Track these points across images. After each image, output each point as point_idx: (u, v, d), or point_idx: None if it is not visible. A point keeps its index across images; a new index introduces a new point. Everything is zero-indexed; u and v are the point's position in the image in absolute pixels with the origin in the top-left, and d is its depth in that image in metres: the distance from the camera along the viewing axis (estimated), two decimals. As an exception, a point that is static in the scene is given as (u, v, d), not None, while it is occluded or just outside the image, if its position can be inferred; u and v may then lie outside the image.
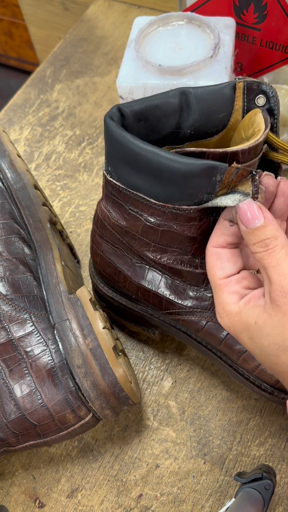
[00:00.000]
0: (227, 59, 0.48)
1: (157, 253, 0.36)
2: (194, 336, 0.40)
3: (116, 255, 0.39)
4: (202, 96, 0.34)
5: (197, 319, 0.38)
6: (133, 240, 0.37)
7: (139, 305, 0.41)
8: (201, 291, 0.37)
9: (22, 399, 0.35)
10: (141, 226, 0.35)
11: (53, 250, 0.41)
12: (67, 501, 0.40)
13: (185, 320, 0.38)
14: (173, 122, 0.35)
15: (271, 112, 0.34)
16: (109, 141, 0.33)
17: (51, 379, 0.35)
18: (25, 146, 0.63)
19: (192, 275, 0.36)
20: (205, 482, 0.40)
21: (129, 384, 0.36)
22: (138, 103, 0.34)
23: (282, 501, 0.39)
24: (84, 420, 0.36)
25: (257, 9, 0.53)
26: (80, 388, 0.35)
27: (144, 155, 0.31)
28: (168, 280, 0.37)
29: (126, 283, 0.39)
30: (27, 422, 0.35)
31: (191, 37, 0.50)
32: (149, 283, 0.38)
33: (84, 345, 0.35)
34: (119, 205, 0.35)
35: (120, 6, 0.79)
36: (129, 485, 0.41)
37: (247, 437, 0.42)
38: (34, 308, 0.38)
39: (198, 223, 0.33)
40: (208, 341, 0.39)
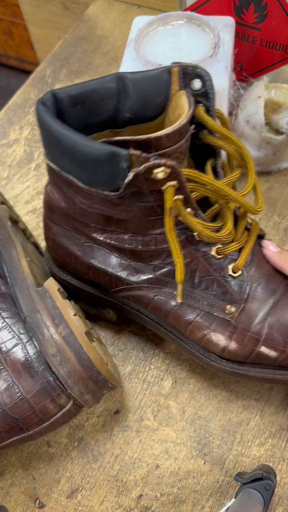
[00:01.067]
0: (227, 58, 0.48)
1: (98, 233, 0.37)
2: (146, 314, 0.41)
3: (66, 236, 0.40)
4: (139, 81, 0.35)
5: (145, 293, 0.39)
6: (75, 222, 0.38)
7: (92, 287, 0.42)
8: (146, 267, 0.38)
9: (0, 394, 0.35)
10: (77, 208, 0.36)
11: (16, 246, 0.41)
12: (67, 501, 0.40)
13: (135, 296, 0.39)
14: (111, 106, 0.35)
15: (207, 96, 0.35)
16: (39, 125, 0.34)
17: (27, 371, 0.35)
18: (25, 146, 0.63)
19: (135, 252, 0.37)
20: (205, 482, 0.40)
21: (106, 366, 0.36)
22: (74, 88, 0.34)
23: (282, 501, 0.39)
24: (65, 408, 0.36)
25: (257, 9, 0.53)
26: (57, 376, 0.35)
27: (62, 139, 0.32)
28: (115, 258, 0.38)
29: (78, 264, 0.40)
30: (8, 417, 0.35)
31: (191, 36, 0.50)
32: (98, 262, 0.39)
33: (56, 334, 0.35)
34: (59, 188, 0.36)
35: (120, 5, 0.79)
36: (129, 485, 0.41)
37: (247, 437, 0.42)
38: (2, 304, 0.38)
39: (126, 208, 0.34)
40: (157, 316, 0.40)
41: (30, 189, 0.59)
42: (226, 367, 0.39)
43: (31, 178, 0.60)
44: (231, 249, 0.37)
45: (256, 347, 0.37)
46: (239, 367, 0.38)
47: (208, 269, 0.37)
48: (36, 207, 0.58)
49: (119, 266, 0.39)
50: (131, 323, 0.48)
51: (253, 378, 0.38)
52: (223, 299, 0.38)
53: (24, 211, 0.58)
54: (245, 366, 0.38)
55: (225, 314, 0.37)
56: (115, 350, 0.47)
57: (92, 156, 0.31)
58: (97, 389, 0.37)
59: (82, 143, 0.31)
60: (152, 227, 0.36)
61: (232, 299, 0.37)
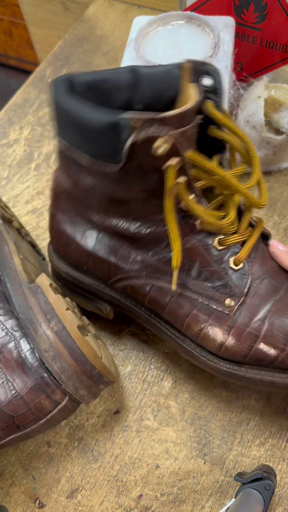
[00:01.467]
0: (227, 58, 0.48)
1: (100, 216, 0.37)
2: (143, 309, 0.40)
3: (70, 223, 0.40)
4: (152, 75, 0.36)
5: (143, 283, 0.38)
6: (79, 204, 0.38)
7: (91, 279, 0.42)
8: (146, 254, 0.38)
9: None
10: (82, 189, 0.36)
11: (8, 244, 0.41)
12: (67, 501, 0.40)
13: (133, 287, 0.39)
14: (124, 96, 0.36)
15: (216, 92, 0.36)
16: (51, 101, 0.35)
17: (21, 368, 0.35)
18: (25, 146, 0.63)
19: (136, 238, 0.37)
20: (205, 482, 0.40)
21: (99, 360, 0.36)
22: (89, 75, 0.35)
23: (282, 501, 0.39)
24: (61, 404, 0.36)
25: (257, 9, 0.53)
26: (51, 372, 0.35)
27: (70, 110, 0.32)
28: (116, 245, 0.38)
29: (78, 252, 0.40)
30: (3, 415, 0.35)
31: (191, 36, 0.50)
32: (98, 249, 0.39)
33: (48, 329, 0.35)
34: (66, 168, 0.37)
35: (120, 5, 0.79)
36: (129, 485, 0.41)
37: (247, 437, 0.42)
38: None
39: (128, 187, 0.34)
40: (154, 310, 0.39)
41: (30, 189, 0.59)
42: (223, 367, 0.38)
43: (31, 178, 0.60)
44: (234, 240, 0.37)
45: (255, 343, 0.36)
46: (236, 367, 0.38)
47: (208, 260, 0.37)
48: (36, 207, 0.58)
49: (119, 254, 0.39)
50: (131, 323, 0.48)
51: (250, 380, 0.37)
52: (222, 292, 0.37)
53: (24, 211, 0.58)
54: (243, 367, 0.37)
55: (224, 308, 0.37)
56: (115, 350, 0.47)
57: (96, 126, 0.31)
58: (92, 384, 0.37)
59: (87, 113, 0.32)
60: (153, 213, 0.36)
61: (232, 293, 0.37)
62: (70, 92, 0.34)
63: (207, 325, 0.37)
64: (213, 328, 0.37)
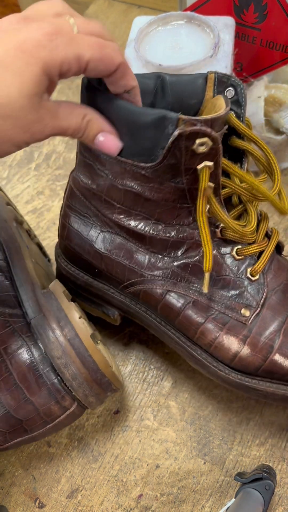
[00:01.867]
0: (227, 58, 0.48)
1: (121, 215, 0.37)
2: (154, 316, 0.40)
3: (84, 225, 0.40)
4: (176, 82, 0.36)
5: (158, 288, 0.38)
6: (99, 203, 0.38)
7: (100, 283, 0.41)
8: (163, 259, 0.38)
9: (5, 396, 0.35)
10: (106, 186, 0.36)
11: (21, 248, 0.41)
12: (67, 501, 0.40)
13: (146, 292, 0.39)
14: (148, 101, 0.37)
15: (239, 103, 0.37)
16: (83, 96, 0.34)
17: (32, 373, 0.35)
18: (25, 146, 0.63)
19: (155, 241, 0.37)
20: (205, 482, 0.40)
21: (110, 369, 0.36)
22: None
23: (282, 501, 0.39)
24: (69, 410, 0.36)
25: (257, 9, 0.53)
26: (62, 378, 0.35)
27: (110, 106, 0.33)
28: (132, 248, 0.38)
29: (91, 254, 0.40)
30: (12, 419, 0.35)
31: (191, 36, 0.50)
32: (114, 251, 0.39)
33: (61, 336, 0.36)
34: (89, 166, 0.37)
35: (120, 5, 0.79)
36: (129, 485, 0.41)
37: (247, 437, 0.42)
38: (8, 307, 0.38)
39: (158, 186, 0.34)
40: (166, 317, 0.39)
41: (30, 189, 0.59)
42: (235, 378, 0.37)
43: (31, 178, 0.60)
44: (252, 250, 0.37)
45: (270, 354, 0.36)
46: (248, 379, 0.37)
47: (226, 269, 0.37)
48: (36, 207, 0.58)
49: (134, 257, 0.38)
50: (131, 323, 0.48)
51: (262, 393, 0.37)
52: (239, 301, 0.37)
53: (24, 211, 0.58)
54: (255, 379, 0.37)
55: (240, 316, 0.37)
56: (115, 350, 0.47)
57: (141, 120, 0.32)
58: (101, 391, 0.37)
59: (131, 108, 0.32)
60: (177, 216, 0.36)
61: (248, 302, 0.37)
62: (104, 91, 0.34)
63: (222, 333, 0.37)
64: (228, 337, 0.37)
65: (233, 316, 0.37)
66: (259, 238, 0.38)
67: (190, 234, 0.36)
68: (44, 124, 0.30)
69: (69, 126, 0.31)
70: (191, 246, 0.37)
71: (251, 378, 0.37)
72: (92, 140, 0.32)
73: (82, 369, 0.35)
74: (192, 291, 0.37)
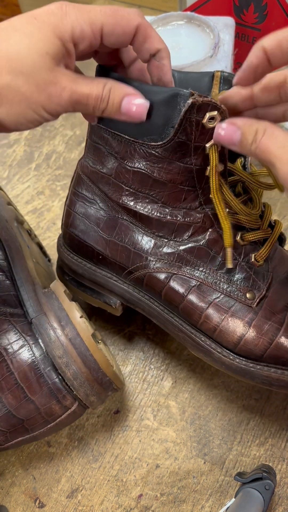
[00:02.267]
0: (227, 58, 0.48)
1: (129, 198, 0.38)
2: (156, 303, 0.40)
3: (90, 210, 0.40)
4: (184, 79, 0.37)
5: (163, 272, 0.38)
6: (107, 186, 0.38)
7: (103, 270, 0.41)
8: (169, 243, 0.38)
9: (6, 395, 0.35)
10: (115, 168, 0.37)
11: (22, 248, 0.41)
12: (67, 501, 0.40)
13: (151, 276, 0.39)
14: None
15: None
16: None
17: (33, 373, 0.35)
18: (25, 146, 0.63)
19: (162, 224, 0.37)
20: (205, 482, 0.40)
21: (111, 368, 0.37)
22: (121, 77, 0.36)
23: (282, 501, 0.39)
24: (70, 409, 0.36)
25: (257, 9, 0.53)
26: (63, 377, 0.35)
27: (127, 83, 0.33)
28: (138, 232, 0.38)
29: (96, 239, 0.40)
30: (13, 418, 0.35)
31: (191, 36, 0.50)
32: (119, 236, 0.39)
33: (63, 336, 0.36)
34: (98, 150, 0.38)
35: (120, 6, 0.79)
36: (129, 485, 0.41)
37: (247, 437, 0.42)
38: (9, 307, 0.38)
39: (167, 166, 0.35)
40: (170, 303, 0.39)
41: (30, 189, 0.59)
42: (240, 364, 0.37)
43: (31, 178, 0.60)
44: (257, 236, 0.38)
45: (276, 337, 0.36)
46: (253, 364, 0.37)
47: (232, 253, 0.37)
48: (36, 207, 0.58)
49: (140, 241, 0.39)
50: (131, 323, 0.48)
51: (267, 379, 0.37)
52: (244, 285, 0.37)
53: (24, 211, 0.58)
54: (260, 365, 0.37)
55: (246, 299, 0.37)
56: (115, 350, 0.47)
57: (154, 98, 0.32)
58: (102, 391, 0.37)
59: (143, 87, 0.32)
60: (184, 199, 0.36)
61: (254, 286, 0.37)
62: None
63: (227, 316, 0.37)
64: (234, 320, 0.37)
65: (238, 299, 0.37)
66: (263, 225, 0.39)
67: (197, 218, 0.37)
68: (62, 87, 0.29)
69: (91, 92, 0.30)
70: (197, 230, 0.37)
71: (255, 363, 0.37)
72: (119, 107, 0.31)
73: (83, 368, 0.36)
74: (197, 274, 0.38)
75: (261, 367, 0.37)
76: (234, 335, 0.37)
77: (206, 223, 0.37)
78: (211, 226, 0.37)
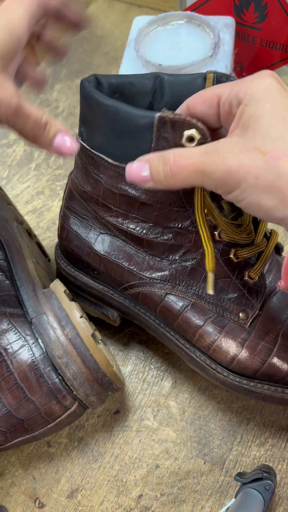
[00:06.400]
0: (227, 58, 0.48)
1: (118, 218, 0.37)
2: (153, 318, 0.40)
3: (83, 226, 0.40)
4: (175, 83, 0.36)
5: (157, 291, 0.38)
6: (97, 206, 0.38)
7: (100, 284, 0.41)
8: (161, 262, 0.38)
9: (6, 396, 0.35)
10: (101, 189, 0.36)
11: (22, 247, 0.41)
12: (67, 501, 0.40)
13: (145, 294, 0.39)
14: (147, 101, 0.37)
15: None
16: (83, 101, 0.35)
17: (33, 373, 0.35)
18: (25, 146, 0.63)
19: (153, 244, 0.37)
20: (205, 482, 0.40)
21: (111, 369, 0.37)
22: (114, 77, 0.36)
23: (282, 501, 0.39)
24: (70, 409, 0.36)
25: (257, 9, 0.53)
26: (63, 378, 0.35)
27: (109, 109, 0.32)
28: (131, 250, 0.38)
29: (90, 256, 0.40)
30: (13, 418, 0.35)
31: (191, 36, 0.50)
32: (113, 254, 0.39)
33: (63, 336, 0.36)
34: (85, 169, 0.37)
35: (120, 5, 0.79)
36: (129, 485, 0.41)
37: (247, 438, 0.42)
38: (8, 307, 0.38)
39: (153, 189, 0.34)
40: (165, 319, 0.39)
41: (30, 189, 0.59)
42: (233, 381, 0.37)
43: (31, 178, 0.60)
44: (250, 252, 0.36)
45: (269, 357, 0.36)
46: (246, 381, 0.37)
47: (225, 271, 0.37)
48: (36, 207, 0.58)
49: (133, 259, 0.38)
50: (131, 323, 0.48)
51: (260, 395, 0.37)
52: (238, 304, 0.37)
53: (24, 211, 0.58)
54: (253, 382, 0.37)
55: (239, 319, 0.37)
56: (115, 350, 0.47)
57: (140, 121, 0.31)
58: (102, 391, 0.37)
59: (130, 111, 0.32)
60: (174, 220, 0.36)
61: (247, 305, 0.37)
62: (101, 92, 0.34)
63: (220, 336, 0.37)
64: (227, 340, 0.37)
65: (231, 319, 0.37)
66: (257, 239, 0.38)
67: (188, 237, 0.36)
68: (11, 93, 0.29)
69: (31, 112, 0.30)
70: (190, 249, 0.37)
71: (249, 380, 0.37)
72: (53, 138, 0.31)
73: (83, 368, 0.36)
74: (190, 294, 0.37)
75: (255, 383, 0.37)
76: (228, 355, 0.37)
77: (198, 243, 0.36)
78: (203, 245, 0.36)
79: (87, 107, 0.34)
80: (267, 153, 0.26)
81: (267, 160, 0.26)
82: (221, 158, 0.27)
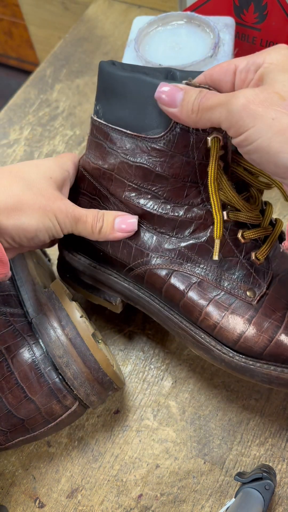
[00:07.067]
0: (227, 58, 0.48)
1: (131, 194, 0.38)
2: (157, 301, 0.40)
3: (91, 206, 0.41)
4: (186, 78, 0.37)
5: (164, 268, 0.38)
6: (109, 182, 0.39)
7: (104, 268, 0.42)
8: (170, 239, 0.38)
9: (7, 395, 0.35)
10: (117, 163, 0.37)
11: None
12: (67, 501, 0.40)
13: (152, 273, 0.39)
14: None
15: None
16: (102, 78, 0.37)
17: (33, 372, 0.35)
18: (25, 146, 0.63)
19: (163, 220, 0.38)
20: (205, 482, 0.40)
21: (112, 368, 0.37)
22: (130, 66, 0.37)
23: (282, 501, 0.39)
24: (71, 409, 0.36)
25: (257, 9, 0.53)
26: (64, 377, 0.35)
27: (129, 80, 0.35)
28: (140, 228, 0.39)
29: None
30: (14, 418, 0.35)
31: (191, 36, 0.50)
32: None
33: (63, 336, 0.36)
34: (99, 146, 0.38)
35: (120, 5, 0.79)
36: (129, 485, 0.41)
37: (247, 437, 0.42)
38: (9, 306, 0.38)
39: (169, 160, 0.35)
40: (170, 300, 0.39)
41: (30, 189, 0.59)
42: (240, 361, 0.37)
43: (31, 178, 0.60)
44: (258, 233, 0.38)
45: (276, 334, 0.36)
46: (253, 362, 0.37)
47: (233, 250, 0.37)
48: (36, 207, 0.58)
49: (142, 237, 0.39)
50: (131, 322, 0.48)
51: (266, 376, 0.36)
52: (245, 282, 0.37)
53: (24, 211, 0.57)
54: (259, 362, 0.37)
55: (246, 297, 0.37)
56: (115, 350, 0.47)
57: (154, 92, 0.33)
58: (103, 391, 0.37)
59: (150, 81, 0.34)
60: (186, 195, 0.36)
61: (255, 284, 0.37)
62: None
63: (227, 313, 0.37)
64: (234, 317, 0.37)
65: (239, 297, 0.37)
66: (264, 223, 0.39)
67: (199, 214, 0.37)
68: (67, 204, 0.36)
69: (88, 213, 0.37)
70: (199, 226, 0.37)
71: (255, 361, 0.37)
72: (113, 225, 0.37)
73: (84, 368, 0.36)
74: (198, 271, 0.38)
75: (261, 364, 0.36)
76: (234, 332, 0.37)
77: (207, 220, 0.37)
78: (212, 223, 0.37)
79: (106, 83, 0.36)
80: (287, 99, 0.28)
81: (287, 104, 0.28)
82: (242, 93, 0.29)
